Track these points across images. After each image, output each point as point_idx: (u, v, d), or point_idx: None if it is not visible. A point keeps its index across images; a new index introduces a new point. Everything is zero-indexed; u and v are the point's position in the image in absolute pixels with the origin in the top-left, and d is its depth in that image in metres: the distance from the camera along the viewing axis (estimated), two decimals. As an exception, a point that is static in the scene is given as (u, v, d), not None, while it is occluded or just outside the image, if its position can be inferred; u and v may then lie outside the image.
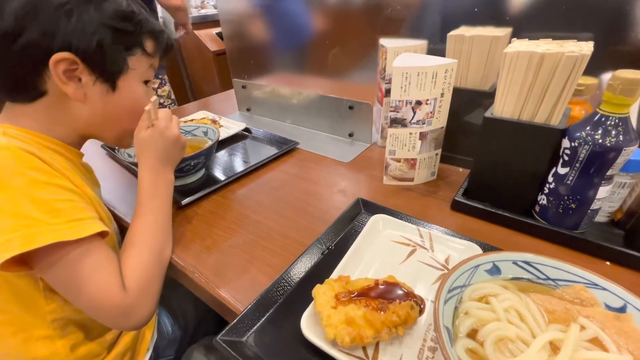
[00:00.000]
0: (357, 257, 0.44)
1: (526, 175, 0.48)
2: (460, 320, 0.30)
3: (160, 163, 0.51)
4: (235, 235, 0.52)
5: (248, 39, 1.02)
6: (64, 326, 0.46)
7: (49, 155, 0.42)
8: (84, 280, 0.38)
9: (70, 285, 0.39)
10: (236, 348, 0.34)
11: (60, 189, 0.39)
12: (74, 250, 0.38)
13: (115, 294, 0.39)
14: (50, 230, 0.36)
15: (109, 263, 0.41)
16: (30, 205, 0.36)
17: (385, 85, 0.68)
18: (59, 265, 0.37)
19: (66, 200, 0.39)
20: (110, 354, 0.50)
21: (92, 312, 0.41)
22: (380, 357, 0.33)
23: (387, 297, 0.35)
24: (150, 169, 0.50)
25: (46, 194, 0.37)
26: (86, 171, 0.52)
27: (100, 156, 0.81)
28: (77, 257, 0.38)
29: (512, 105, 0.46)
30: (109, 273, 0.40)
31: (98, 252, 0.40)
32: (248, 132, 0.89)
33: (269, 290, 0.40)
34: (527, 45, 0.44)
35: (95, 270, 0.39)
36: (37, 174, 0.38)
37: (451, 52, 0.59)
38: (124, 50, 0.46)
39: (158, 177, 0.50)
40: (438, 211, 0.55)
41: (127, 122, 0.50)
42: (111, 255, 0.42)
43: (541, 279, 0.33)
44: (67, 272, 0.38)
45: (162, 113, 0.53)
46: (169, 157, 0.52)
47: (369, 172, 0.68)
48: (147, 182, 0.49)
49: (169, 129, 0.52)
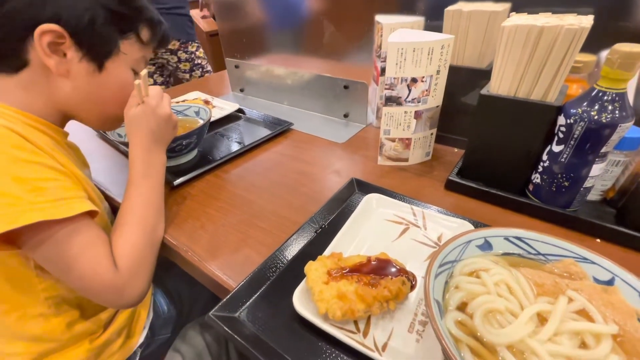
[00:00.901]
0: (350, 235, 0.44)
1: (521, 154, 0.48)
2: (451, 294, 0.30)
3: (152, 141, 0.50)
4: (229, 215, 0.52)
5: (241, 16, 0.99)
6: (58, 304, 0.46)
7: (33, 134, 0.41)
8: (73, 259, 0.38)
9: (60, 264, 0.39)
10: (229, 323, 0.34)
11: (45, 168, 0.38)
12: (62, 229, 0.37)
13: (105, 273, 0.39)
14: (35, 209, 0.35)
15: (100, 242, 0.40)
16: (13, 184, 0.35)
17: (381, 64, 0.67)
18: (47, 244, 0.37)
19: (51, 179, 0.38)
20: (105, 331, 0.51)
21: (83, 291, 0.41)
22: (371, 331, 0.33)
23: (379, 273, 0.36)
24: (141, 147, 0.49)
25: (29, 173, 0.36)
26: (72, 151, 0.51)
27: (90, 136, 0.79)
28: (65, 236, 0.37)
29: (508, 82, 0.45)
30: (99, 252, 0.39)
31: (87, 232, 0.39)
32: (242, 113, 0.87)
33: (262, 268, 0.40)
34: (526, 19, 0.43)
35: (85, 249, 0.39)
36: (20, 152, 0.37)
37: (448, 28, 0.57)
38: (118, 33, 0.45)
39: (150, 155, 0.49)
40: (432, 191, 0.55)
41: (110, 106, 0.49)
42: (101, 235, 0.41)
43: (532, 254, 0.33)
44: (55, 251, 0.38)
45: (153, 90, 0.51)
46: (161, 136, 0.51)
47: (363, 153, 0.67)
48: (138, 160, 0.48)
49: (160, 106, 0.51)
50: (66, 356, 0.47)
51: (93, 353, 0.49)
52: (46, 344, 0.46)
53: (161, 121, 0.50)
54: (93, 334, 0.50)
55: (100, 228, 0.42)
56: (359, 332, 0.33)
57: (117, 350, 0.53)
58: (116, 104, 0.49)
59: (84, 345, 0.48)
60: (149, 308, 0.59)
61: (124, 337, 0.54)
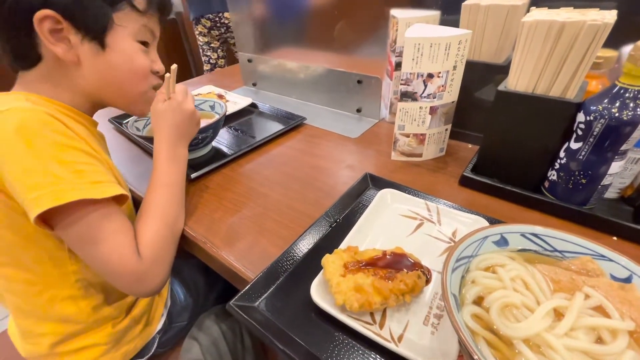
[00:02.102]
0: (364, 230, 0.45)
1: (537, 151, 0.48)
2: (467, 288, 0.31)
3: (176, 136, 0.51)
4: (245, 208, 0.53)
5: (254, 10, 0.99)
6: (86, 287, 0.48)
7: (68, 121, 0.43)
8: (102, 242, 0.40)
9: (89, 246, 0.40)
10: (248, 312, 0.35)
11: (82, 153, 0.40)
12: (97, 210, 0.39)
13: (129, 260, 0.41)
14: (77, 188, 0.37)
15: (126, 230, 0.42)
16: (57, 165, 0.37)
17: (396, 59, 0.66)
18: (80, 224, 0.39)
19: (88, 162, 0.40)
20: (127, 317, 0.53)
21: (107, 275, 0.42)
22: (387, 322, 0.34)
23: (395, 267, 0.36)
24: (166, 141, 0.50)
25: (70, 156, 0.39)
26: (102, 139, 0.54)
27: (107, 129, 0.82)
28: (98, 218, 0.40)
29: (527, 78, 0.45)
30: (126, 239, 0.41)
31: (117, 218, 0.42)
32: (254, 107, 0.88)
33: (280, 260, 0.41)
34: (547, 14, 0.42)
35: (113, 234, 0.40)
36: (61, 137, 0.39)
37: (465, 22, 0.57)
38: (107, 5, 0.43)
39: (174, 149, 0.50)
40: (446, 186, 0.56)
41: (128, 85, 0.48)
42: (128, 223, 0.43)
43: (548, 250, 0.33)
44: (87, 231, 0.39)
45: (179, 87, 0.53)
46: (184, 131, 0.53)
47: (377, 148, 0.68)
48: (163, 154, 0.50)
49: (185, 103, 0.53)
50: (90, 338, 0.50)
51: (115, 337, 0.51)
52: (73, 325, 0.48)
53: (186, 117, 0.52)
54: (115, 318, 0.52)
55: (126, 216, 0.43)
56: (375, 324, 0.34)
57: (137, 335, 0.55)
58: (132, 80, 0.48)
59: (106, 329, 0.51)
60: (167, 297, 0.61)
61: (143, 324, 0.56)
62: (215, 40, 1.89)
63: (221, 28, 1.81)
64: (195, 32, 1.87)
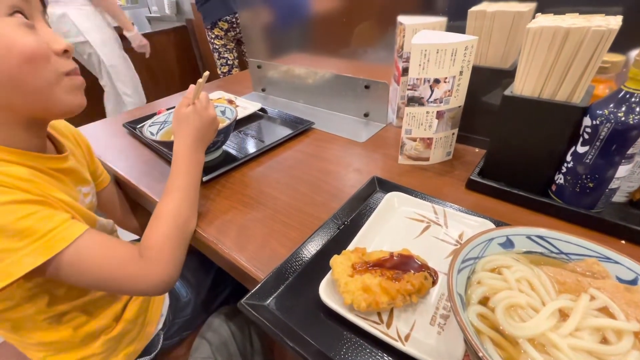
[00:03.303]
0: (372, 232, 0.45)
1: (544, 155, 0.48)
2: (473, 289, 0.31)
3: (196, 139, 0.53)
4: (255, 210, 0.54)
5: (264, 17, 1.01)
6: (59, 317, 0.46)
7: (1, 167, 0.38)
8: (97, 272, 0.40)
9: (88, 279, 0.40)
10: (259, 311, 0.37)
11: (14, 205, 0.35)
12: (66, 257, 0.37)
13: (129, 264, 0.41)
14: (23, 256, 0.34)
15: (110, 244, 0.41)
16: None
17: (403, 64, 0.68)
18: (64, 272, 0.38)
19: (27, 215, 0.35)
20: (119, 323, 0.53)
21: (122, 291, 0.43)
22: (394, 322, 0.35)
23: (402, 268, 0.37)
24: (186, 145, 0.52)
25: (2, 217, 0.34)
26: (59, 172, 0.47)
27: (122, 134, 0.84)
28: (75, 259, 0.38)
29: (532, 83, 0.45)
30: (116, 253, 0.41)
31: (92, 243, 0.39)
32: (264, 112, 0.90)
33: (289, 260, 0.42)
34: (552, 20, 0.43)
35: (102, 257, 0.40)
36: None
37: (471, 28, 0.58)
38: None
39: (192, 153, 0.52)
40: (453, 190, 0.56)
41: (26, 78, 0.37)
42: (104, 237, 0.42)
43: (554, 252, 0.34)
44: (77, 272, 0.38)
45: (202, 94, 0.55)
46: (204, 136, 0.55)
47: (384, 152, 0.69)
48: (182, 157, 0.51)
49: (207, 109, 0.54)
50: (82, 352, 0.50)
51: (110, 344, 0.52)
52: (60, 345, 0.48)
53: (206, 122, 0.54)
54: (107, 328, 0.52)
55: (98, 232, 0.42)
56: (383, 323, 0.35)
57: (136, 337, 0.56)
58: (26, 70, 0.37)
59: (100, 339, 0.51)
60: (165, 297, 0.63)
61: (140, 325, 0.56)
62: (231, 42, 1.96)
63: (237, 28, 1.88)
64: (211, 37, 1.93)
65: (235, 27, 1.88)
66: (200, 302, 0.66)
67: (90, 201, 0.54)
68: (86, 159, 0.58)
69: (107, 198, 0.65)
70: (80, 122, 0.89)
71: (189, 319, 0.63)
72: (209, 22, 1.86)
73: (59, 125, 0.55)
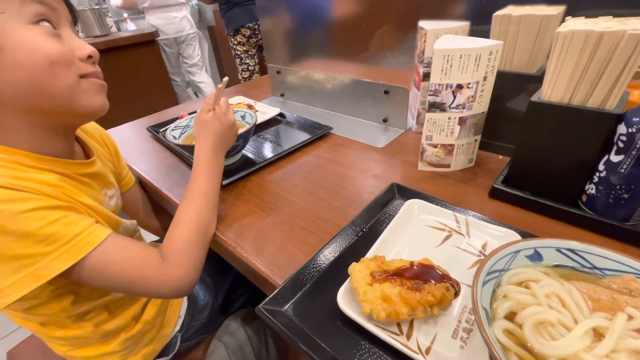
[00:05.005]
0: (391, 240, 0.45)
1: (573, 164, 0.46)
2: (499, 303, 0.30)
3: (216, 144, 0.54)
4: (273, 215, 0.55)
5: (284, 23, 1.03)
6: (83, 314, 0.48)
7: (27, 173, 0.39)
8: (120, 275, 0.41)
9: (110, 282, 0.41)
10: (277, 316, 0.36)
11: (43, 211, 0.36)
12: (91, 261, 0.38)
13: (153, 271, 0.42)
14: (52, 260, 0.36)
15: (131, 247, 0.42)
16: (21, 243, 0.34)
17: (424, 69, 0.67)
18: (87, 275, 0.39)
19: (54, 221, 0.36)
20: (138, 323, 0.54)
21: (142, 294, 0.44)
22: (414, 334, 0.34)
23: (422, 278, 0.36)
24: (207, 150, 0.53)
25: (29, 224, 0.35)
26: (86, 177, 0.48)
27: (146, 137, 0.87)
28: (98, 263, 0.39)
29: (562, 88, 0.43)
30: (138, 256, 0.42)
31: (114, 248, 0.41)
32: (282, 117, 0.90)
33: (307, 266, 0.42)
34: (584, 23, 0.41)
35: (123, 261, 0.41)
36: (11, 206, 0.34)
37: (496, 33, 0.56)
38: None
39: (212, 157, 0.53)
40: (475, 198, 0.54)
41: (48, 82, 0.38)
42: (125, 240, 0.43)
43: (586, 267, 0.32)
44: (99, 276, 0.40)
45: (222, 100, 0.56)
46: (224, 141, 0.56)
47: (403, 158, 0.68)
48: (202, 162, 0.52)
49: (227, 114, 0.56)
50: (103, 348, 0.51)
51: (129, 343, 0.53)
52: (81, 340, 0.50)
53: (227, 127, 0.55)
54: (127, 327, 0.53)
55: (120, 237, 0.43)
56: (402, 334, 0.34)
57: (154, 338, 0.57)
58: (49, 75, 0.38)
59: (119, 337, 0.52)
60: (184, 299, 0.64)
61: (158, 327, 0.58)
62: (252, 48, 2.01)
63: (259, 35, 1.93)
64: (233, 43, 1.99)
65: (257, 33, 1.92)
66: (218, 306, 0.66)
67: (115, 203, 0.55)
68: (112, 161, 0.60)
69: (130, 199, 0.67)
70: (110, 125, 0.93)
71: (206, 322, 0.64)
72: (232, 29, 1.90)
73: (89, 127, 0.57)
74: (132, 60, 2.09)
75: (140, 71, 2.15)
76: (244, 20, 1.86)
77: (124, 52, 2.03)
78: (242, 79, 2.10)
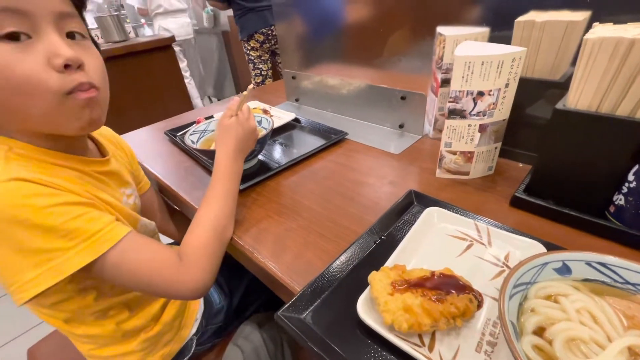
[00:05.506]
0: (411, 248, 0.44)
1: (600, 173, 0.45)
2: (526, 317, 0.29)
3: (236, 149, 0.54)
4: (290, 220, 0.55)
5: (300, 29, 1.03)
6: (105, 311, 0.49)
7: (50, 170, 0.40)
8: (138, 273, 0.42)
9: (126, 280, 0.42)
10: (295, 323, 0.36)
11: (67, 207, 0.37)
12: (110, 258, 0.39)
13: (169, 270, 0.43)
14: (73, 255, 0.36)
15: (148, 247, 0.43)
16: (44, 236, 0.35)
17: (442, 75, 0.66)
18: (106, 272, 0.40)
19: (77, 216, 0.37)
20: (157, 324, 0.55)
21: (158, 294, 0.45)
22: (436, 346, 0.33)
23: (444, 289, 0.35)
24: (227, 155, 0.54)
25: (54, 218, 0.36)
26: (103, 175, 0.49)
27: (163, 141, 0.89)
28: (117, 260, 0.40)
29: (589, 96, 0.42)
30: (155, 256, 0.43)
31: (133, 245, 0.41)
32: (297, 122, 0.91)
33: (325, 273, 0.42)
34: (613, 30, 0.40)
35: (141, 261, 0.42)
36: (37, 200, 0.35)
37: (518, 39, 0.55)
38: None
39: (232, 162, 0.54)
40: (495, 207, 0.53)
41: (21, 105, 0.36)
42: (144, 239, 0.44)
43: (619, 282, 0.31)
44: (117, 274, 0.40)
45: (244, 106, 0.57)
46: (245, 146, 0.56)
47: (420, 165, 0.67)
48: (223, 167, 0.53)
49: (249, 120, 0.57)
50: (123, 347, 0.52)
51: (149, 343, 0.54)
52: (102, 339, 0.51)
53: (247, 132, 0.56)
54: (146, 327, 0.54)
55: (140, 235, 0.44)
56: (424, 346, 0.33)
57: (172, 339, 0.58)
58: (11, 100, 0.36)
59: (139, 337, 0.53)
60: (200, 302, 0.64)
61: (176, 328, 0.58)
62: (265, 53, 2.05)
63: (272, 40, 1.96)
64: (247, 48, 2.02)
65: (270, 39, 1.94)
66: (233, 311, 0.67)
67: (134, 202, 0.56)
68: (129, 162, 0.61)
69: (146, 203, 0.68)
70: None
71: (221, 326, 0.64)
72: (246, 35, 1.93)
73: (102, 129, 0.57)
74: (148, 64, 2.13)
75: (156, 75, 2.20)
76: (258, 26, 1.89)
77: (141, 56, 2.08)
78: (255, 84, 2.13)
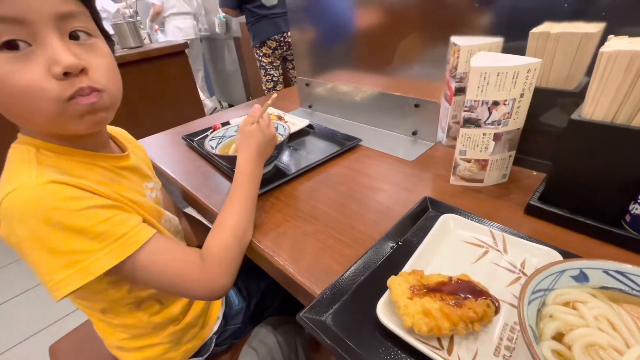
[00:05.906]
0: (427, 254, 0.45)
1: (616, 182, 0.45)
2: (545, 323, 0.30)
3: (257, 155, 0.56)
4: (307, 225, 0.56)
5: (314, 36, 1.05)
6: (139, 303, 0.52)
7: (80, 169, 0.42)
8: (161, 274, 0.44)
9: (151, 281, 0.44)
10: (317, 325, 0.38)
11: (97, 210, 0.39)
12: (136, 259, 0.41)
13: (192, 272, 0.45)
14: (101, 257, 0.38)
15: (173, 249, 0.46)
16: (76, 238, 0.37)
17: (456, 84, 0.67)
18: (133, 273, 0.42)
19: (106, 219, 0.39)
20: (184, 319, 0.58)
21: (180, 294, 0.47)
22: (455, 349, 0.34)
23: (462, 294, 0.36)
24: (248, 159, 0.56)
25: (85, 221, 0.37)
26: (125, 170, 0.51)
27: (180, 147, 0.91)
28: (142, 262, 0.42)
29: (605, 107, 0.43)
30: (179, 258, 0.45)
31: (158, 248, 0.43)
32: (311, 128, 0.93)
33: (344, 277, 0.43)
34: (629, 43, 0.41)
35: (166, 262, 0.44)
36: (70, 203, 0.37)
37: (532, 50, 0.56)
38: None
39: (253, 167, 0.56)
40: (509, 214, 0.54)
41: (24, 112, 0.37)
42: (167, 241, 0.46)
43: (636, 290, 0.32)
44: (144, 274, 0.42)
45: (265, 114, 0.60)
46: (264, 152, 0.59)
47: (434, 171, 0.68)
48: (244, 171, 0.55)
49: (270, 127, 0.59)
50: (153, 338, 0.55)
51: (175, 337, 0.57)
52: (135, 329, 0.54)
53: (268, 139, 0.58)
54: (174, 321, 0.57)
55: (164, 238, 0.46)
56: (443, 349, 0.34)
57: (195, 336, 0.60)
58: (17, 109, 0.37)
59: (167, 330, 0.56)
60: (222, 302, 0.66)
61: (200, 326, 0.61)
62: (277, 60, 2.09)
63: (284, 47, 2.00)
64: (259, 54, 2.06)
65: (282, 45, 1.98)
66: (250, 313, 0.68)
67: (156, 195, 0.58)
68: (146, 159, 0.64)
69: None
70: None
71: (239, 327, 0.66)
72: (259, 41, 1.97)
73: (115, 129, 0.59)
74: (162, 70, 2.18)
75: (169, 81, 2.25)
76: (270, 33, 1.93)
77: (156, 62, 2.13)
78: (266, 90, 2.16)
